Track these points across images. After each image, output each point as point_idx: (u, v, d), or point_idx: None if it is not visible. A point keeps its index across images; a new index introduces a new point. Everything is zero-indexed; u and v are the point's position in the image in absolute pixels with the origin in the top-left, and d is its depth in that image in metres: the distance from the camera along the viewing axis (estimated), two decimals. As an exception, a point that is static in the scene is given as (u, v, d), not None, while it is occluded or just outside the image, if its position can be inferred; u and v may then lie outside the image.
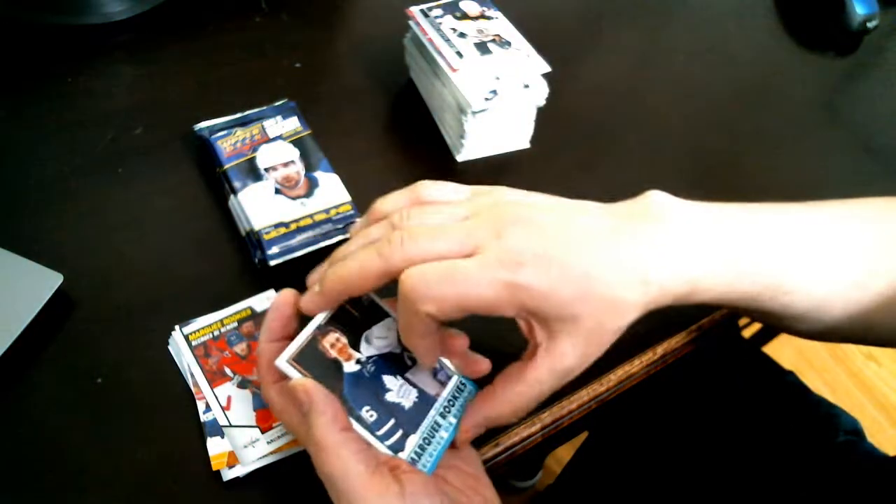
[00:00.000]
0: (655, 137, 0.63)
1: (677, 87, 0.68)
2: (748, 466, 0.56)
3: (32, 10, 0.61)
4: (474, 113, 0.54)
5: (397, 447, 0.36)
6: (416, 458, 0.36)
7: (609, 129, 0.63)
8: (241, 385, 0.43)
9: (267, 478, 0.40)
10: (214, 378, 0.43)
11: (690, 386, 0.62)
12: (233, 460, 0.40)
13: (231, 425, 0.41)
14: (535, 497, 1.29)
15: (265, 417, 0.42)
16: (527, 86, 0.55)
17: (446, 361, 0.40)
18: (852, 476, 0.53)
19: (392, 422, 0.37)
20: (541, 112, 0.58)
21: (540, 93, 0.56)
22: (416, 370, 0.39)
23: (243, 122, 0.54)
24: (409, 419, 0.38)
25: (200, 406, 0.42)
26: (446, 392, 0.39)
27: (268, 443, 0.41)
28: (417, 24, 0.58)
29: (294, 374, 0.36)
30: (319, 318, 0.38)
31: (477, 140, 0.57)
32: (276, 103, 0.56)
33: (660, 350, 0.50)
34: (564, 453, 1.16)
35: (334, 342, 0.38)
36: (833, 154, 0.65)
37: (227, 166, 0.51)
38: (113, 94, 0.59)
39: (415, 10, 0.59)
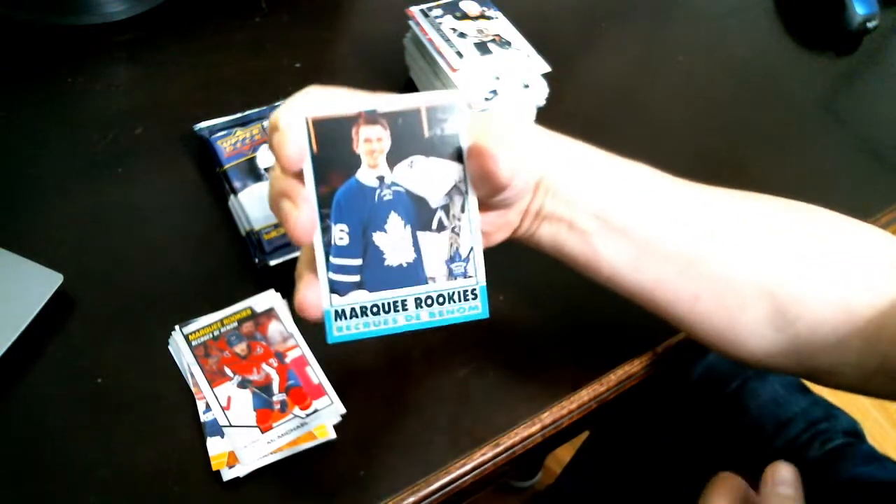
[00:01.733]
0: (655, 137, 0.63)
1: (677, 87, 0.68)
2: (745, 467, 0.56)
3: (33, 10, 0.61)
4: (474, 113, 0.54)
5: (337, 287, 0.31)
6: (341, 314, 0.31)
7: (609, 129, 0.63)
8: (241, 385, 0.43)
9: (267, 478, 0.40)
10: (214, 378, 0.43)
11: (690, 386, 0.62)
12: (233, 460, 0.40)
13: (231, 425, 0.41)
14: (535, 497, 1.29)
15: (265, 417, 0.42)
16: (527, 86, 0.55)
17: (480, 258, 0.32)
18: (852, 478, 0.53)
19: (357, 262, 0.31)
20: (541, 112, 0.58)
21: (540, 93, 0.56)
22: (434, 237, 0.32)
23: (243, 122, 0.54)
24: (378, 274, 0.31)
25: (200, 406, 0.42)
26: (447, 285, 0.32)
27: (268, 443, 0.41)
28: (417, 24, 0.58)
29: (299, 134, 0.30)
30: (376, 101, 0.30)
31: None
32: (276, 103, 0.56)
33: (660, 350, 0.50)
34: (564, 453, 1.16)
35: (373, 138, 0.31)
36: (833, 154, 0.65)
37: (227, 166, 0.51)
38: (113, 94, 0.59)
39: (415, 10, 0.59)
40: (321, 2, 0.69)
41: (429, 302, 0.32)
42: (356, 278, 0.31)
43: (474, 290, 0.32)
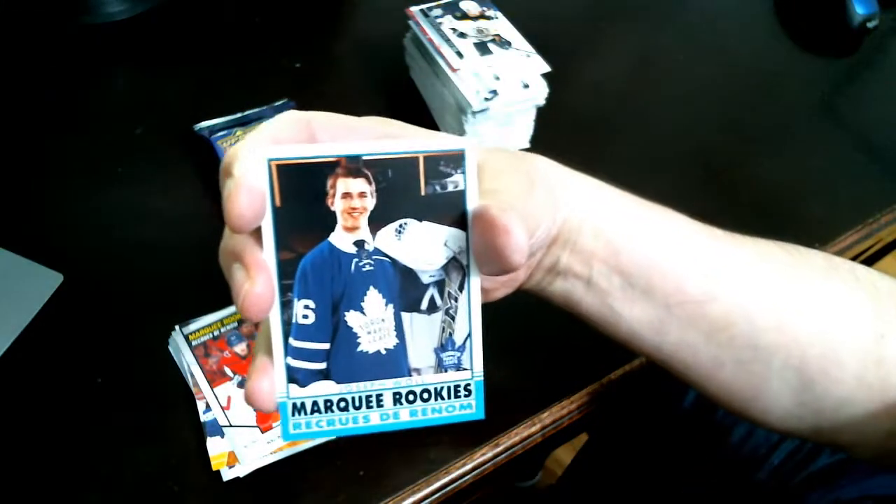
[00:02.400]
0: (655, 137, 0.63)
1: (677, 87, 0.68)
2: (745, 467, 0.56)
3: (33, 10, 0.61)
4: (474, 113, 0.54)
5: (297, 375, 0.25)
6: (301, 408, 0.25)
7: (609, 129, 0.63)
8: (241, 385, 0.43)
9: (267, 478, 0.40)
10: (214, 378, 0.43)
11: (689, 385, 0.62)
12: (233, 460, 0.40)
13: (231, 425, 0.41)
14: (535, 497, 1.29)
15: (265, 417, 0.42)
16: (527, 86, 0.55)
17: (478, 349, 0.27)
18: (848, 478, 0.53)
19: (324, 346, 0.25)
20: (541, 112, 0.58)
21: (540, 93, 0.56)
22: (423, 320, 0.26)
23: (243, 122, 0.54)
24: (349, 363, 0.26)
25: (200, 406, 0.42)
26: (434, 379, 0.27)
27: (268, 443, 0.41)
28: (417, 24, 0.58)
29: (255, 184, 0.23)
30: (365, 147, 0.25)
31: (477, 140, 0.56)
32: (276, 103, 0.56)
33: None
34: (564, 454, 1.15)
35: (354, 194, 0.25)
36: (833, 154, 0.65)
37: (227, 166, 0.51)
38: (113, 94, 0.59)
39: (415, 10, 0.59)
40: (321, 2, 0.69)
41: (410, 398, 0.26)
42: (321, 366, 0.25)
43: (468, 385, 0.27)
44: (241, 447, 0.40)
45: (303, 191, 0.24)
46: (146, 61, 0.62)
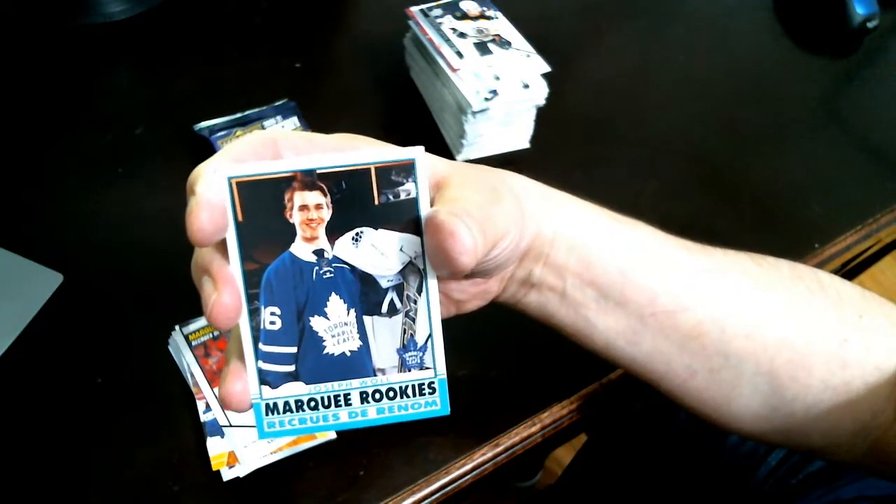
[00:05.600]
0: (655, 137, 0.63)
1: (677, 87, 0.68)
2: (744, 467, 0.56)
3: (33, 10, 0.61)
4: (474, 113, 0.54)
5: (268, 378, 0.27)
6: (273, 408, 0.27)
7: (609, 129, 0.63)
8: (241, 385, 0.43)
9: (267, 478, 0.40)
10: (214, 378, 0.43)
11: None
12: (233, 460, 0.40)
13: (231, 425, 0.41)
14: (535, 497, 1.29)
15: (265, 417, 0.42)
16: (527, 86, 0.55)
17: (439, 347, 0.28)
18: (847, 478, 0.53)
19: (291, 350, 0.27)
20: (541, 112, 0.58)
21: (540, 93, 0.56)
22: (384, 322, 0.27)
23: (243, 122, 0.54)
24: (316, 365, 0.27)
25: (200, 406, 0.42)
26: (398, 378, 0.28)
27: (268, 443, 0.41)
28: (417, 24, 0.58)
29: (214, 200, 0.25)
30: (319, 161, 0.26)
31: (477, 140, 0.57)
32: (276, 103, 0.56)
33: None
34: (564, 454, 1.16)
35: (311, 206, 0.26)
36: (833, 154, 0.65)
37: (227, 166, 0.51)
38: (113, 94, 0.59)
39: (415, 10, 0.59)
40: (321, 2, 0.69)
41: (377, 397, 0.27)
42: (290, 368, 0.27)
43: (431, 383, 0.28)
44: (241, 447, 0.40)
45: (262, 205, 0.25)
46: (146, 61, 0.62)
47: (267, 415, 0.27)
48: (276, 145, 0.28)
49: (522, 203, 0.31)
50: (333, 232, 0.26)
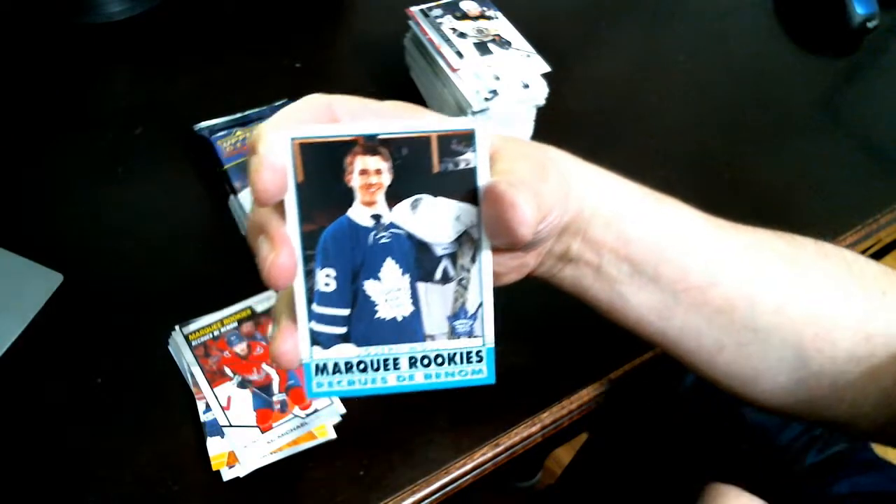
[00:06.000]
0: (655, 137, 0.63)
1: (677, 87, 0.68)
2: (743, 467, 0.56)
3: (33, 10, 0.61)
4: (474, 113, 0.54)
5: (320, 339, 0.27)
6: (323, 368, 0.27)
7: (609, 129, 0.63)
8: (241, 385, 0.43)
9: (267, 478, 0.40)
10: (214, 378, 0.43)
11: (688, 386, 0.62)
12: (233, 460, 0.40)
13: (231, 425, 0.41)
14: (535, 497, 1.29)
15: (265, 417, 0.42)
16: (527, 86, 0.55)
17: (489, 316, 0.28)
18: (846, 479, 0.53)
19: (344, 312, 0.27)
20: (541, 112, 0.58)
21: (540, 93, 0.56)
22: (437, 289, 0.28)
23: (243, 122, 0.54)
24: (368, 328, 0.27)
25: (200, 406, 0.42)
26: (447, 345, 0.28)
27: (268, 443, 0.41)
28: (417, 24, 0.58)
29: (279, 160, 0.25)
30: (381, 126, 0.26)
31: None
32: (276, 103, 0.56)
33: (660, 350, 0.50)
34: (564, 454, 1.16)
35: (371, 171, 0.26)
36: (833, 154, 0.65)
37: (227, 166, 0.51)
38: (113, 94, 0.59)
39: (415, 10, 0.59)
40: (321, 2, 0.69)
41: (425, 362, 0.28)
42: (342, 330, 0.27)
43: (479, 352, 0.28)
44: (241, 447, 0.40)
45: (323, 168, 0.26)
46: (146, 61, 0.62)
47: (316, 375, 0.27)
48: (331, 108, 0.28)
49: (565, 178, 0.32)
50: (392, 198, 0.26)
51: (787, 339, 0.36)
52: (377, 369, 0.28)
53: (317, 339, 0.27)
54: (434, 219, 0.27)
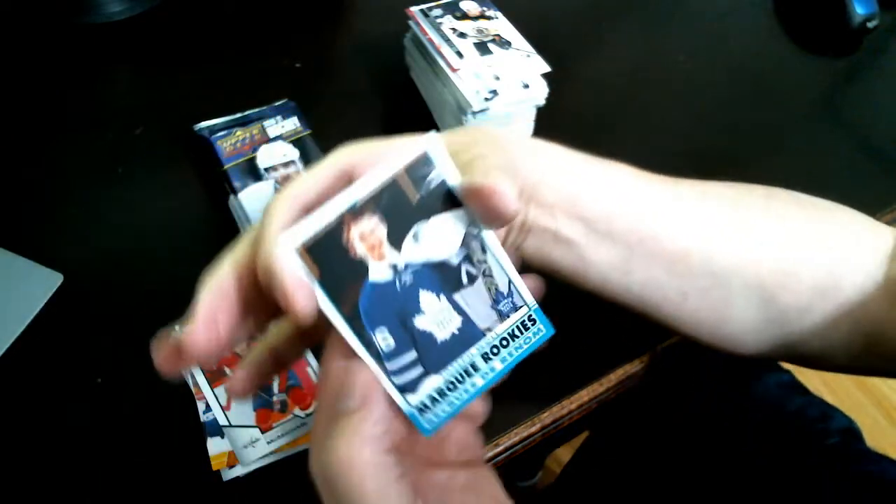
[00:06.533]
0: (655, 137, 0.63)
1: (677, 87, 0.68)
2: (742, 467, 0.56)
3: (33, 9, 0.61)
4: (474, 113, 0.54)
5: (408, 387, 0.29)
6: (424, 407, 0.29)
7: (609, 129, 0.63)
8: (241, 385, 0.43)
9: (267, 478, 0.40)
10: (214, 378, 0.43)
11: (688, 386, 0.62)
12: (233, 460, 0.40)
13: (231, 425, 0.41)
14: (535, 497, 1.29)
15: (265, 417, 0.42)
16: (527, 86, 0.55)
17: (521, 285, 0.31)
18: (841, 477, 0.53)
19: (413, 355, 0.29)
20: (541, 112, 0.58)
21: (540, 93, 0.56)
22: (470, 291, 0.30)
23: (243, 122, 0.54)
24: (437, 354, 0.29)
25: (200, 406, 0.42)
26: (503, 328, 0.30)
27: (268, 443, 0.41)
28: (417, 24, 0.58)
29: (295, 269, 0.27)
30: (355, 193, 0.27)
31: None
32: (276, 103, 0.56)
33: (660, 350, 0.50)
34: (564, 453, 1.16)
35: (367, 233, 0.28)
36: (833, 154, 0.65)
37: (227, 166, 0.51)
38: (113, 94, 0.59)
39: (415, 10, 0.59)
40: (321, 2, 0.69)
41: (495, 351, 0.30)
42: (420, 370, 0.29)
43: (531, 316, 0.31)
44: (241, 447, 0.40)
45: (331, 254, 0.27)
46: (146, 61, 0.62)
47: (422, 416, 0.29)
48: (302, 199, 0.29)
49: (506, 150, 0.34)
50: (395, 242, 0.28)
51: (747, 278, 0.37)
52: (463, 381, 0.30)
53: (404, 389, 0.29)
54: (436, 238, 0.29)
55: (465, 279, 0.30)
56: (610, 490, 0.70)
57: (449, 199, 0.29)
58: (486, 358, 0.30)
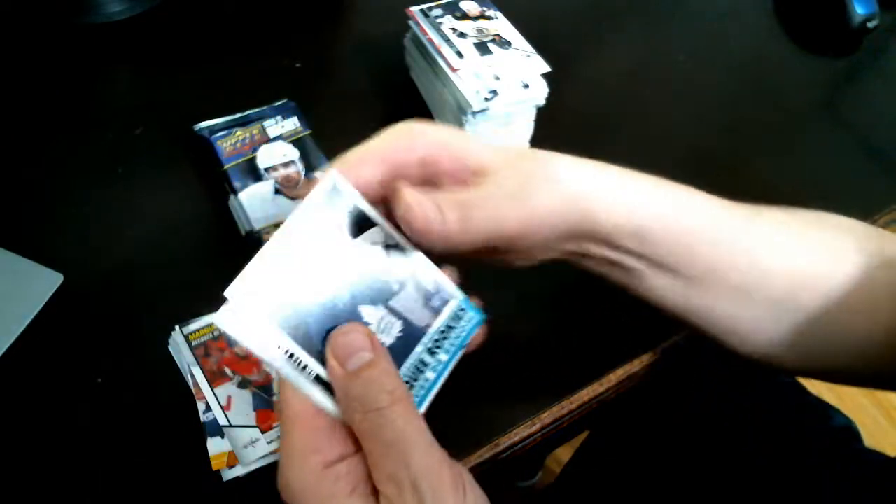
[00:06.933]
0: (655, 137, 0.63)
1: (677, 87, 0.68)
2: (742, 467, 0.56)
3: (33, 9, 0.61)
4: (474, 113, 0.54)
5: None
6: None
7: (609, 129, 0.63)
8: (241, 385, 0.43)
9: (267, 478, 0.40)
10: (214, 378, 0.43)
11: (688, 386, 0.62)
12: (233, 460, 0.40)
13: (231, 425, 0.41)
14: (536, 497, 1.29)
15: (265, 417, 0.42)
16: (527, 86, 0.55)
17: (446, 280, 0.33)
18: (840, 477, 0.53)
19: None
20: (541, 112, 0.58)
21: (540, 93, 0.56)
22: (402, 296, 0.32)
23: (243, 122, 0.54)
24: (393, 358, 0.31)
25: (200, 406, 0.42)
26: (439, 322, 0.32)
27: (268, 443, 0.41)
28: (417, 24, 0.58)
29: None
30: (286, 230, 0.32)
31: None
32: (276, 103, 0.56)
33: (660, 350, 0.50)
34: (564, 453, 1.15)
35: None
36: (833, 154, 0.65)
37: (227, 166, 0.51)
38: (113, 94, 0.59)
39: (415, 10, 0.59)
40: (321, 2, 0.69)
41: (437, 344, 0.32)
42: None
43: (462, 308, 0.33)
44: (241, 447, 0.40)
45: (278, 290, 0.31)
46: (146, 61, 0.62)
47: None
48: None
49: (562, 184, 0.34)
50: (329, 266, 0.31)
51: (797, 303, 0.38)
52: (416, 377, 0.31)
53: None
54: (362, 256, 0.31)
55: (395, 286, 0.32)
56: (610, 490, 0.70)
57: (364, 220, 0.31)
58: (430, 352, 0.32)
